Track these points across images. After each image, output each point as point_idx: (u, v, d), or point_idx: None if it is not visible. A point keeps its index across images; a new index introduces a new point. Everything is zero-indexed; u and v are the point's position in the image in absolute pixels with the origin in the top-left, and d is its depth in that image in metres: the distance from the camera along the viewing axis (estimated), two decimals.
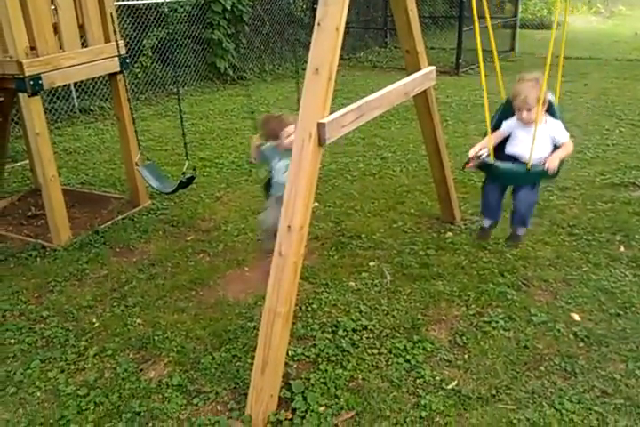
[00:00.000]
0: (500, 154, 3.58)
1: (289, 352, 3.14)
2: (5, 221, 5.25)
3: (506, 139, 3.66)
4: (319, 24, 2.64)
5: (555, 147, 3.52)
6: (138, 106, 9.08)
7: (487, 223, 3.96)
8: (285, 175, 3.54)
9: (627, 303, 3.67)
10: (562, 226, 4.71)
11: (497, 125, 3.69)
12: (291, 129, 3.56)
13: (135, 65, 9.54)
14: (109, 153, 7.08)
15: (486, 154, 3.54)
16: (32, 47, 4.28)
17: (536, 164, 3.41)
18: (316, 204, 5.15)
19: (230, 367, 3.19)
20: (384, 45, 14.89)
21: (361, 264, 4.25)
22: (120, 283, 4.09)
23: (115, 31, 4.80)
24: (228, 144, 7.29)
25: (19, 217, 5.30)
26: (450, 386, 3.03)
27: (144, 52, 9.71)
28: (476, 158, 3.58)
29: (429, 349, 3.31)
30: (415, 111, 4.47)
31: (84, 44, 4.76)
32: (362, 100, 3.18)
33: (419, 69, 4.01)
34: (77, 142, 7.58)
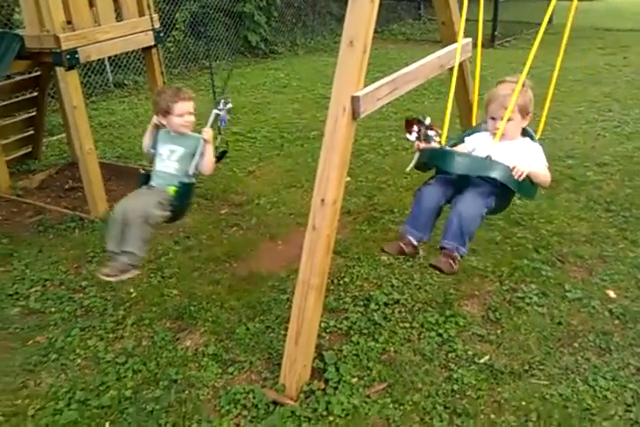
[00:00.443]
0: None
1: (321, 324, 3.18)
2: (44, 193, 5.36)
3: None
4: None
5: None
6: (171, 80, 9.09)
7: (406, 233, 2.82)
8: (165, 164, 3.15)
9: None
10: (598, 202, 4.63)
11: (461, 140, 3.05)
12: (185, 107, 3.14)
13: (168, 39, 9.54)
14: (143, 127, 7.05)
15: (436, 139, 2.89)
16: (68, 21, 4.32)
17: (499, 161, 2.66)
18: (349, 178, 5.14)
19: (264, 338, 3.24)
20: (418, 17, 14.62)
21: (393, 239, 4.23)
22: (156, 254, 4.16)
23: (149, 5, 4.80)
24: (261, 118, 7.29)
25: (57, 190, 5.41)
26: (482, 360, 3.04)
27: (177, 26, 9.71)
28: (424, 127, 2.89)
29: (462, 323, 3.31)
30: (448, 85, 4.40)
31: (119, 18, 4.78)
32: (396, 72, 3.13)
33: (454, 41, 3.93)
34: (112, 116, 7.66)
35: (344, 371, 2.95)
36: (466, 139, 3.02)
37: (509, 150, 2.77)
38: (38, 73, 5.51)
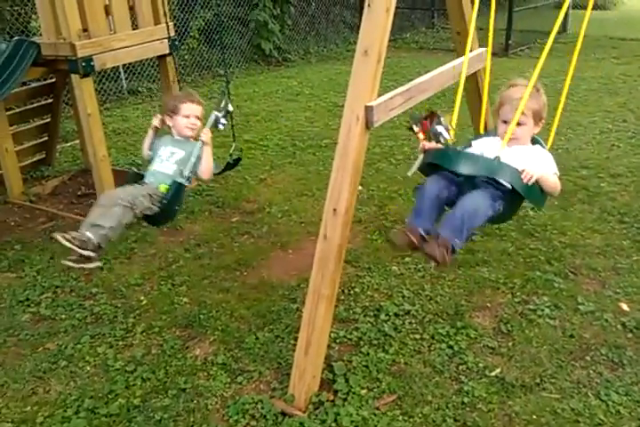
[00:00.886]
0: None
1: (331, 335, 3.16)
2: (56, 199, 5.39)
3: None
4: (369, 5, 2.60)
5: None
6: (184, 88, 9.15)
7: (413, 225, 2.66)
8: (163, 165, 3.20)
9: None
10: (612, 214, 4.59)
11: (468, 145, 3.01)
12: (192, 109, 3.20)
13: (182, 47, 9.61)
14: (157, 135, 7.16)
15: (445, 135, 2.72)
16: (84, 29, 4.35)
17: (510, 165, 2.59)
18: (360, 187, 5.14)
19: (273, 347, 3.23)
20: (431, 26, 14.62)
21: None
22: (167, 262, 4.17)
23: (165, 13, 4.83)
24: (273, 126, 7.30)
25: (69, 196, 5.43)
26: (493, 373, 3.01)
27: (191, 34, 9.76)
28: (436, 123, 2.73)
29: (473, 335, 3.29)
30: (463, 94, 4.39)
31: (135, 26, 4.81)
32: (411, 82, 3.12)
33: (470, 51, 3.92)
34: (126, 123, 7.71)
35: (353, 382, 2.93)
36: (473, 142, 2.95)
37: (519, 155, 2.69)
38: (53, 80, 5.56)
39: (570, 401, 2.82)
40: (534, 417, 2.74)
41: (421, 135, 2.77)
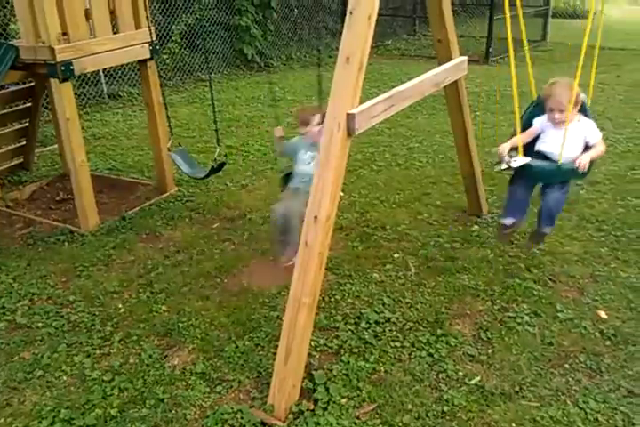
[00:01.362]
0: (530, 152, 3.55)
1: (312, 343, 3.15)
2: (34, 205, 5.32)
3: (535, 137, 3.63)
4: (351, 13, 2.61)
5: (586, 146, 3.49)
6: (165, 92, 9.03)
7: (509, 221, 3.81)
8: (309, 166, 3.85)
9: None
10: (590, 221, 4.64)
11: (527, 124, 3.67)
12: (317, 119, 3.82)
13: (163, 51, 9.56)
14: (137, 139, 7.13)
15: (516, 162, 3.49)
16: (64, 33, 4.31)
17: (567, 162, 3.39)
18: (341, 194, 5.14)
19: (253, 356, 3.20)
20: (412, 33, 14.73)
21: (385, 256, 4.23)
22: (146, 269, 4.13)
23: (146, 17, 4.80)
24: (254, 132, 7.29)
25: (47, 201, 5.37)
26: (473, 381, 3.01)
27: (173, 39, 9.72)
28: (506, 163, 3.54)
29: (453, 343, 3.29)
30: (443, 101, 4.43)
31: (116, 31, 4.78)
32: (393, 90, 3.13)
33: (450, 59, 3.96)
34: (106, 128, 7.64)
35: (334, 391, 2.91)
36: (534, 122, 3.65)
37: (571, 135, 3.39)
38: (32, 84, 5.50)
39: (549, 409, 2.83)
40: (513, 425, 2.74)
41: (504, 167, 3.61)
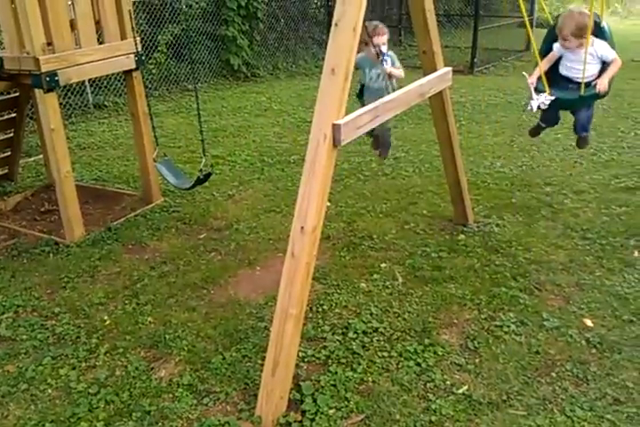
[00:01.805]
0: (554, 76, 4.20)
1: (299, 353, 3.14)
2: (19, 216, 5.28)
3: (557, 61, 4.29)
4: (337, 24, 2.63)
5: (603, 64, 4.12)
6: (151, 102, 9.00)
7: (543, 125, 4.80)
8: (377, 83, 4.28)
9: None
10: (575, 230, 4.68)
11: (548, 49, 4.33)
12: (382, 39, 4.14)
13: (149, 61, 9.56)
14: (123, 149, 7.11)
15: (545, 101, 4.07)
16: (49, 43, 4.30)
17: (588, 85, 4.03)
18: (329, 203, 5.15)
19: (240, 368, 3.19)
20: (398, 43, 14.80)
21: (372, 265, 4.23)
22: (132, 280, 4.10)
23: (132, 28, 4.80)
24: (241, 142, 7.29)
25: (32, 212, 5.33)
26: (460, 391, 3.01)
27: (159, 49, 9.72)
28: (536, 106, 4.12)
29: (440, 352, 3.29)
30: (428, 111, 4.47)
31: (101, 41, 4.77)
32: (378, 100, 3.16)
33: (435, 70, 3.99)
34: (91, 138, 7.61)
35: (321, 402, 2.90)
36: (554, 47, 4.29)
37: (588, 58, 3.94)
38: (17, 94, 5.47)
39: (536, 418, 2.83)
40: None
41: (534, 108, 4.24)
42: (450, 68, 4.04)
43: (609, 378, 3.08)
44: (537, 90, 4.13)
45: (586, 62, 3.92)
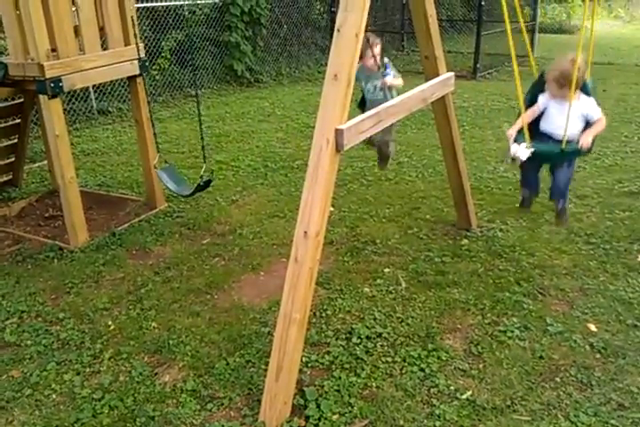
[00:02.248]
0: (535, 131, 3.83)
1: (303, 359, 3.13)
2: (23, 221, 5.29)
3: (540, 116, 3.91)
4: (339, 30, 2.64)
5: (587, 123, 3.78)
6: (155, 108, 9.12)
7: (526, 193, 4.34)
8: (375, 94, 4.23)
9: None
10: (579, 234, 4.67)
11: (532, 100, 3.93)
12: (376, 51, 3.99)
13: (153, 67, 9.60)
14: (127, 155, 7.13)
15: (524, 153, 3.68)
16: (53, 49, 4.32)
17: (570, 141, 3.65)
18: (332, 208, 5.15)
19: (244, 373, 3.19)
20: (401, 49, 14.86)
21: (376, 270, 4.23)
22: (136, 286, 4.11)
23: (135, 34, 4.82)
24: (245, 147, 7.31)
25: (36, 218, 5.34)
26: (464, 396, 3.01)
27: (162, 55, 9.77)
28: (512, 158, 3.74)
29: (444, 358, 3.29)
30: (431, 116, 4.47)
31: (105, 47, 4.80)
32: (380, 106, 3.17)
33: (437, 75, 4.00)
34: (95, 144, 7.64)
35: (325, 407, 2.90)
36: (538, 98, 3.90)
37: (572, 113, 3.58)
38: (21, 100, 5.50)
39: (540, 423, 2.83)
40: None
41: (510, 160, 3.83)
42: (452, 74, 4.06)
43: (613, 383, 3.07)
44: (516, 141, 3.74)
45: (569, 117, 3.54)
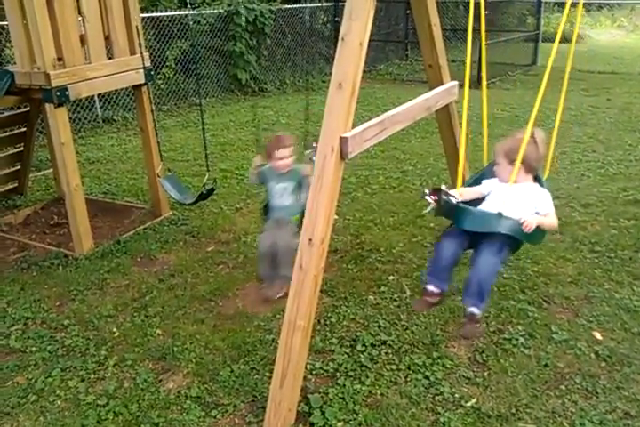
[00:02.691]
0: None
1: (307, 366, 3.14)
2: (29, 229, 5.31)
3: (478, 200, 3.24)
4: (343, 39, 2.66)
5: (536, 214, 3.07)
6: (160, 116, 9.17)
7: (433, 289, 3.15)
8: (282, 199, 3.85)
9: None
10: (584, 243, 4.67)
11: (476, 181, 3.38)
12: (284, 152, 3.75)
13: (158, 76, 9.66)
14: (132, 163, 7.16)
15: (455, 197, 3.04)
16: (59, 58, 4.36)
17: (511, 217, 2.93)
18: (336, 216, 5.16)
19: (249, 380, 3.19)
20: (405, 58, 14.93)
21: (380, 278, 4.23)
22: (140, 293, 4.12)
23: (140, 43, 4.86)
24: (249, 155, 7.32)
25: (42, 225, 5.36)
26: (469, 404, 3.00)
27: (167, 64, 9.83)
28: (443, 194, 3.01)
29: (449, 365, 3.28)
30: (435, 124, 4.48)
31: (110, 56, 4.84)
32: (384, 114, 3.18)
33: (441, 84, 4.02)
34: (100, 152, 7.68)
35: (330, 415, 2.89)
36: (483, 182, 3.32)
37: (519, 195, 3.05)
38: (27, 108, 5.54)
39: None
40: None
41: (433, 200, 3.06)
42: (456, 82, 4.08)
43: (619, 391, 3.06)
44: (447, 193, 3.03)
45: (518, 196, 3.02)
